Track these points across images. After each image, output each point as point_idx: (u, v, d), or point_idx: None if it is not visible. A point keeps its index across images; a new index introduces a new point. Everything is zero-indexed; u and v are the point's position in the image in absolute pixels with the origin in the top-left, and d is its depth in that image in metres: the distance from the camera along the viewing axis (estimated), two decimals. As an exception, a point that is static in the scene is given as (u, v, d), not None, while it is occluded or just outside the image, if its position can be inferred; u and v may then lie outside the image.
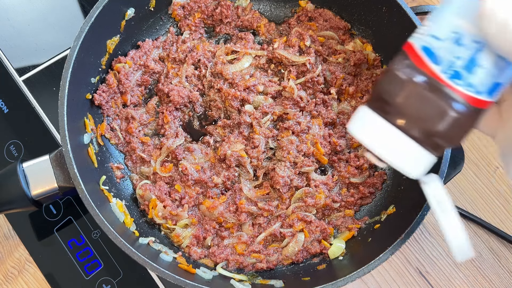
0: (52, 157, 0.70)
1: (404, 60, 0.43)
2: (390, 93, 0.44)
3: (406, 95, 0.42)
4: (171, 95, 0.81)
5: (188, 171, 0.77)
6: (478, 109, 0.41)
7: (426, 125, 0.42)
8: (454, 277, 0.84)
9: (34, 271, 0.82)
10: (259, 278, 0.73)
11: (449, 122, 0.41)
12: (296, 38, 0.85)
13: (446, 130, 0.42)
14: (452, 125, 0.41)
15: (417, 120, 0.42)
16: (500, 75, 0.40)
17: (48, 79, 0.89)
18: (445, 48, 0.40)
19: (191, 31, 0.87)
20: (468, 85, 0.40)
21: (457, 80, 0.40)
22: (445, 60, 0.40)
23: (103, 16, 0.73)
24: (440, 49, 0.40)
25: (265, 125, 0.80)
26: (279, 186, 0.76)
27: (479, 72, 0.39)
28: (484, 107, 0.42)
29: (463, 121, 0.41)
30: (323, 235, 0.76)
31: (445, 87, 0.40)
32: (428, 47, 0.41)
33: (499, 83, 0.40)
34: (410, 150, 0.44)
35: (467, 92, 0.40)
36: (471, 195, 0.89)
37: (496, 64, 0.39)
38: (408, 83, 0.42)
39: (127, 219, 0.73)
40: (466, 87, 0.40)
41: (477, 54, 0.39)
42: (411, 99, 0.42)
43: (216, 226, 0.77)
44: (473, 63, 0.39)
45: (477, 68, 0.39)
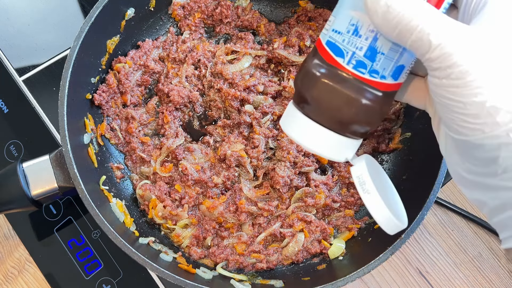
0: (52, 157, 0.70)
1: (314, 55, 0.45)
2: (305, 89, 0.46)
3: (318, 89, 0.44)
4: (171, 95, 0.81)
5: (188, 171, 0.77)
6: (386, 92, 0.43)
7: (340, 116, 0.44)
8: (454, 277, 0.84)
9: (34, 271, 0.82)
10: (259, 278, 0.73)
11: (361, 110, 0.43)
12: (296, 38, 0.85)
13: (360, 118, 0.44)
14: (365, 112, 0.43)
15: (330, 112, 0.44)
16: (400, 59, 0.42)
17: (48, 79, 0.89)
18: (346, 41, 0.42)
19: (191, 31, 0.87)
20: (372, 72, 0.42)
21: (361, 69, 0.42)
22: (348, 52, 0.42)
23: (103, 16, 0.73)
24: (342, 42, 0.42)
25: (265, 125, 0.80)
26: (279, 186, 0.76)
27: (380, 59, 0.41)
28: (392, 89, 0.44)
29: (374, 106, 0.43)
30: (323, 235, 0.76)
31: (351, 78, 0.42)
32: (332, 42, 0.43)
33: (402, 65, 0.43)
34: (332, 140, 0.46)
35: (373, 79, 0.42)
36: (471, 195, 0.88)
37: (393, 49, 0.41)
38: (319, 78, 0.44)
39: (127, 219, 0.73)
40: (371, 74, 0.42)
41: (375, 42, 0.41)
42: (322, 93, 0.44)
43: (216, 226, 0.77)
44: (373, 51, 0.41)
45: (378, 55, 0.41)
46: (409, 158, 0.79)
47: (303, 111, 0.47)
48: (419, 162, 0.76)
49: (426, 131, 0.76)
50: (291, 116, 0.48)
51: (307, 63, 0.46)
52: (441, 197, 0.87)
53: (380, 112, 0.45)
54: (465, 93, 0.35)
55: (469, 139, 0.37)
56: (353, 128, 0.45)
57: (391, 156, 0.82)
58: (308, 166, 0.78)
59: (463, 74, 0.34)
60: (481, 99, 0.34)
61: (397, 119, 0.82)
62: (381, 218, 0.46)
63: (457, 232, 0.86)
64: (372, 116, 0.45)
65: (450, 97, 0.36)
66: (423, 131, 0.76)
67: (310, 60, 0.46)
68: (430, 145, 0.72)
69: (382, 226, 0.46)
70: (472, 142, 0.37)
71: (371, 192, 0.45)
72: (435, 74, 0.36)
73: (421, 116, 0.77)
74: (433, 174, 0.67)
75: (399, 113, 0.82)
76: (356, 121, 0.44)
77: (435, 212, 0.87)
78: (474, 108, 0.35)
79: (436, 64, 0.36)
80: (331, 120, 0.45)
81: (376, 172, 0.51)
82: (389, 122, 0.82)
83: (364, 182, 0.46)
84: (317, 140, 0.46)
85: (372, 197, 0.45)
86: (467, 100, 0.35)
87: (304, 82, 0.46)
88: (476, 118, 0.35)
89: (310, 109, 0.46)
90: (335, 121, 0.45)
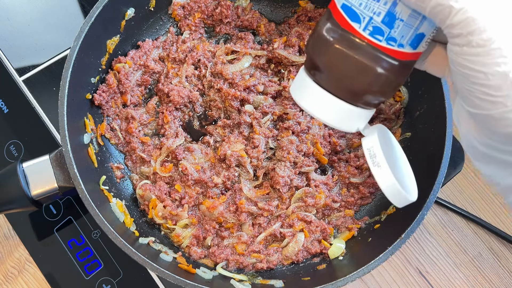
0: (52, 157, 0.70)
1: (328, 19, 0.43)
2: (316, 54, 0.44)
3: (330, 56, 0.42)
4: (171, 95, 0.81)
5: (188, 171, 0.77)
6: (403, 61, 0.41)
7: (353, 85, 0.42)
8: (454, 277, 0.84)
9: (34, 271, 0.82)
10: (259, 278, 0.73)
11: (376, 79, 0.41)
12: (296, 38, 0.85)
13: (374, 88, 0.42)
14: (379, 81, 0.41)
15: (343, 81, 0.42)
16: (420, 26, 0.39)
17: (48, 79, 0.89)
18: (363, 5, 0.40)
19: (191, 31, 0.87)
20: (390, 39, 0.40)
21: (378, 36, 0.40)
22: (365, 17, 0.40)
23: (103, 16, 0.73)
24: (359, 6, 0.40)
25: (265, 125, 0.80)
26: (279, 186, 0.76)
27: (399, 26, 0.39)
28: (410, 59, 0.41)
29: (390, 76, 0.41)
30: (323, 235, 0.76)
31: (367, 45, 0.40)
32: (348, 5, 0.41)
33: (422, 33, 0.40)
34: (343, 111, 0.44)
35: (390, 47, 0.40)
36: (471, 195, 0.89)
37: (413, 15, 0.39)
38: (331, 43, 0.42)
39: (127, 219, 0.73)
40: (388, 42, 0.40)
41: (394, 8, 0.39)
42: (334, 60, 0.42)
43: (216, 226, 0.77)
44: (391, 17, 0.39)
45: (396, 22, 0.39)
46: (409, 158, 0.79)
47: (314, 78, 0.45)
48: (419, 162, 0.76)
49: (426, 131, 0.76)
50: (301, 83, 0.46)
51: (320, 27, 0.43)
52: (441, 197, 0.87)
53: (395, 82, 0.42)
54: (488, 62, 0.32)
55: (489, 113, 0.34)
56: (366, 98, 0.43)
57: (391, 156, 0.82)
58: (308, 166, 0.78)
59: (486, 41, 0.32)
60: (504, 69, 0.32)
61: (397, 119, 0.82)
62: (390, 192, 0.44)
63: (457, 232, 0.86)
64: (387, 86, 0.42)
65: (471, 66, 0.34)
66: (423, 131, 0.76)
67: (323, 24, 0.43)
68: (430, 145, 0.72)
69: (391, 199, 0.45)
70: (492, 117, 0.34)
71: (382, 165, 0.43)
72: (455, 41, 0.34)
73: (421, 116, 0.77)
74: (433, 174, 0.67)
75: (399, 113, 0.82)
76: (369, 91, 0.42)
77: (435, 212, 0.87)
78: (496, 78, 0.32)
79: (457, 30, 0.33)
80: (343, 89, 0.43)
81: (389, 143, 0.49)
82: (389, 122, 0.82)
83: (375, 155, 0.44)
84: (327, 110, 0.44)
85: (382, 171, 0.43)
86: (489, 70, 0.33)
87: (316, 48, 0.43)
88: (498, 90, 0.33)
89: (321, 77, 0.44)
90: (348, 91, 0.43)
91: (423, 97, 0.76)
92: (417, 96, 0.78)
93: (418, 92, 0.78)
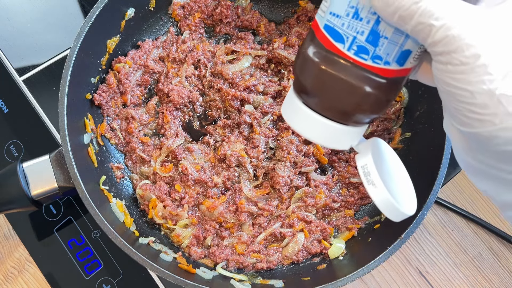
0: (52, 157, 0.70)
1: (312, 40, 0.42)
2: (302, 76, 0.43)
3: (317, 77, 0.41)
4: (171, 95, 0.81)
5: (188, 171, 0.77)
6: (391, 79, 0.40)
7: (342, 106, 0.41)
8: (454, 277, 0.84)
9: (34, 271, 0.82)
10: (259, 278, 0.73)
11: (364, 99, 0.40)
12: (296, 38, 0.85)
13: (364, 107, 0.41)
14: (368, 100, 0.40)
15: (331, 102, 0.42)
16: (405, 43, 0.38)
17: (48, 79, 0.89)
18: (346, 25, 0.39)
19: (191, 31, 0.87)
20: (375, 58, 0.39)
21: (363, 55, 0.39)
22: (348, 36, 0.39)
23: (103, 16, 0.73)
24: (341, 26, 0.39)
25: (265, 125, 0.80)
26: (279, 186, 0.76)
27: (383, 43, 0.38)
28: (398, 75, 0.40)
29: (378, 94, 0.40)
30: (323, 235, 0.76)
31: (353, 65, 0.39)
32: (330, 26, 0.40)
33: (407, 50, 0.39)
34: (334, 131, 0.43)
35: (376, 65, 0.39)
36: (471, 195, 0.89)
37: (397, 32, 0.38)
38: (317, 64, 0.41)
39: (127, 219, 0.73)
40: (374, 60, 0.39)
41: (377, 26, 0.38)
42: (322, 81, 0.41)
43: (216, 226, 0.77)
44: (375, 35, 0.38)
45: (381, 40, 0.38)
46: (409, 158, 0.79)
47: (303, 100, 0.44)
48: (419, 162, 0.76)
49: (426, 131, 0.76)
50: (291, 104, 0.46)
51: (304, 49, 0.42)
52: (441, 197, 0.87)
53: (385, 100, 0.41)
54: (472, 80, 0.31)
55: (477, 131, 0.33)
56: (357, 117, 0.42)
57: (391, 156, 0.82)
58: (308, 166, 0.78)
59: (470, 59, 0.31)
60: (490, 87, 0.31)
61: (397, 119, 0.82)
62: (386, 209, 0.43)
63: (457, 232, 0.86)
64: (376, 104, 0.41)
65: (455, 84, 0.33)
66: (423, 131, 0.76)
67: (308, 45, 0.42)
68: (430, 145, 0.72)
69: (387, 215, 0.44)
70: (481, 135, 0.33)
71: (376, 184, 0.42)
72: (439, 59, 0.33)
73: (421, 116, 0.77)
74: (433, 174, 0.67)
75: (399, 113, 0.82)
76: (359, 110, 0.41)
77: (435, 212, 0.87)
78: (482, 96, 0.31)
79: (439, 48, 0.33)
80: (332, 110, 0.42)
81: (384, 157, 0.48)
82: (389, 122, 0.82)
83: (369, 173, 0.43)
84: (318, 131, 0.44)
85: (376, 189, 0.42)
86: (474, 88, 0.31)
87: (302, 70, 0.43)
88: (484, 108, 0.31)
89: (309, 98, 0.43)
90: (337, 111, 0.42)
91: (423, 97, 0.76)
92: (417, 96, 0.78)
93: (418, 92, 0.78)
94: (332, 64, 0.40)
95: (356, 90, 0.40)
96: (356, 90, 0.40)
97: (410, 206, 0.46)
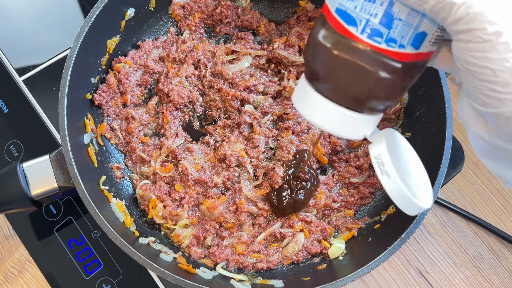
0: (52, 157, 0.70)
1: (323, 25, 0.41)
2: (314, 63, 0.42)
3: (329, 63, 0.40)
4: (171, 95, 0.81)
5: (188, 171, 0.77)
6: (407, 63, 0.39)
7: (355, 92, 0.40)
8: (454, 277, 0.84)
9: (34, 271, 0.82)
10: (259, 278, 0.73)
11: (379, 84, 0.39)
12: (296, 38, 0.85)
13: (378, 93, 0.40)
14: (383, 86, 0.39)
15: (344, 89, 0.40)
16: (420, 24, 0.37)
17: (48, 79, 0.89)
18: (358, 7, 0.38)
19: (191, 31, 0.87)
20: (389, 41, 0.37)
21: (377, 38, 0.38)
22: (361, 19, 0.38)
23: (103, 16, 0.73)
24: (354, 9, 0.38)
25: (265, 125, 0.80)
26: (278, 186, 0.76)
27: (397, 26, 0.37)
28: (413, 60, 0.39)
29: (394, 79, 0.39)
30: (323, 235, 0.76)
31: (366, 49, 0.38)
32: (342, 10, 0.39)
33: (423, 32, 0.38)
34: (348, 119, 0.42)
35: (390, 48, 0.38)
36: (471, 195, 0.89)
37: (412, 13, 0.37)
38: (329, 50, 0.40)
39: (127, 219, 0.73)
40: (388, 43, 0.38)
41: (391, 7, 0.37)
42: (334, 67, 0.40)
43: (216, 226, 0.77)
44: (389, 17, 0.37)
45: (395, 22, 0.37)
46: (409, 158, 0.79)
47: (315, 87, 0.43)
48: (419, 162, 0.76)
49: (426, 131, 0.76)
50: (303, 93, 0.44)
51: (315, 34, 0.41)
52: (441, 197, 0.87)
53: (400, 86, 0.40)
54: (495, 57, 0.31)
55: (497, 111, 0.32)
56: (371, 104, 0.41)
57: (391, 156, 0.82)
58: (308, 166, 0.78)
59: (492, 36, 0.31)
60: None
61: (397, 119, 0.82)
62: (401, 202, 0.42)
63: (457, 232, 0.86)
64: (391, 90, 0.40)
65: (477, 62, 0.32)
66: (423, 131, 0.76)
67: (318, 30, 0.41)
68: (430, 145, 0.72)
69: (402, 208, 0.42)
70: (500, 115, 0.32)
71: (390, 174, 0.41)
72: (459, 37, 0.33)
73: (421, 116, 0.77)
74: (433, 174, 0.67)
75: (399, 113, 0.82)
76: (373, 96, 0.40)
77: (435, 212, 0.87)
78: (504, 74, 0.31)
79: (460, 26, 0.32)
80: (346, 97, 0.41)
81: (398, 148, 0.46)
82: (389, 122, 0.82)
83: (383, 163, 0.42)
84: (331, 119, 0.42)
85: (390, 180, 0.41)
86: (496, 66, 0.31)
87: (313, 56, 0.41)
88: (506, 86, 0.31)
89: (322, 85, 0.42)
90: (351, 98, 0.41)
91: (423, 97, 0.76)
92: (417, 96, 0.78)
93: (418, 92, 0.78)
94: (344, 49, 0.39)
95: (370, 75, 0.39)
96: (370, 75, 0.39)
97: (426, 199, 0.45)
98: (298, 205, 0.75)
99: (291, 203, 0.75)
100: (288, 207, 0.75)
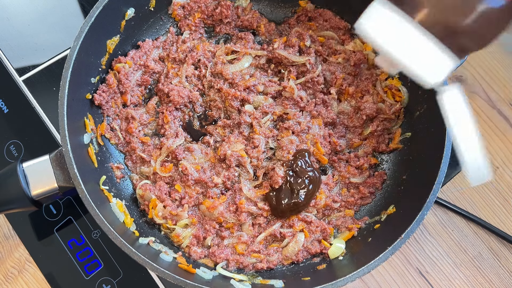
0: (52, 157, 0.70)
1: None
2: None
3: None
4: (171, 95, 0.81)
5: (188, 171, 0.77)
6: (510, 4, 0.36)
7: (452, 18, 0.37)
8: (454, 277, 0.84)
9: (34, 271, 0.82)
10: (259, 278, 0.73)
11: (479, 16, 0.36)
12: (296, 38, 0.85)
13: (475, 26, 0.36)
14: (482, 20, 0.36)
15: (441, 12, 0.37)
16: None
17: (48, 79, 0.89)
18: None
19: (191, 31, 0.87)
20: None
21: None
22: None
23: (103, 16, 0.73)
24: None
25: (265, 125, 0.80)
26: (278, 186, 0.76)
27: None
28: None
29: (496, 16, 0.36)
30: (323, 235, 0.76)
31: None
32: None
33: None
34: (431, 51, 0.38)
35: None
36: (471, 195, 0.89)
37: None
38: None
39: (127, 219, 0.73)
40: None
41: None
42: None
43: (216, 226, 0.77)
44: None
45: None
46: (409, 158, 0.79)
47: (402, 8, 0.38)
48: (419, 162, 0.76)
49: (426, 131, 0.76)
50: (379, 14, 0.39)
51: None
52: (441, 197, 0.87)
53: (495, 24, 0.37)
54: None
55: None
56: (462, 39, 0.37)
57: (391, 156, 0.82)
58: (308, 166, 0.78)
59: None
60: None
61: (397, 119, 0.82)
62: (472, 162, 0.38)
63: (457, 232, 0.86)
64: (489, 28, 0.37)
65: None
66: (423, 131, 0.76)
67: None
68: (430, 145, 0.72)
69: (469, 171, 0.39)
70: None
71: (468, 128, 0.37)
72: None
73: (421, 116, 0.77)
74: (433, 174, 0.67)
75: (399, 113, 0.82)
76: (469, 29, 0.36)
77: (435, 212, 0.87)
78: None
79: None
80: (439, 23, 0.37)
81: None
82: (389, 122, 0.82)
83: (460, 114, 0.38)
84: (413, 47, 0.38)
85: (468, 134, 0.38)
86: None
87: None
88: None
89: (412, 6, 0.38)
90: (445, 25, 0.37)
91: (423, 97, 0.76)
92: (417, 96, 0.78)
93: (418, 92, 0.78)
94: None
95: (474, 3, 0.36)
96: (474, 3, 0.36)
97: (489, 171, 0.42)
98: (298, 207, 0.75)
99: (291, 205, 0.75)
100: (287, 209, 0.75)
